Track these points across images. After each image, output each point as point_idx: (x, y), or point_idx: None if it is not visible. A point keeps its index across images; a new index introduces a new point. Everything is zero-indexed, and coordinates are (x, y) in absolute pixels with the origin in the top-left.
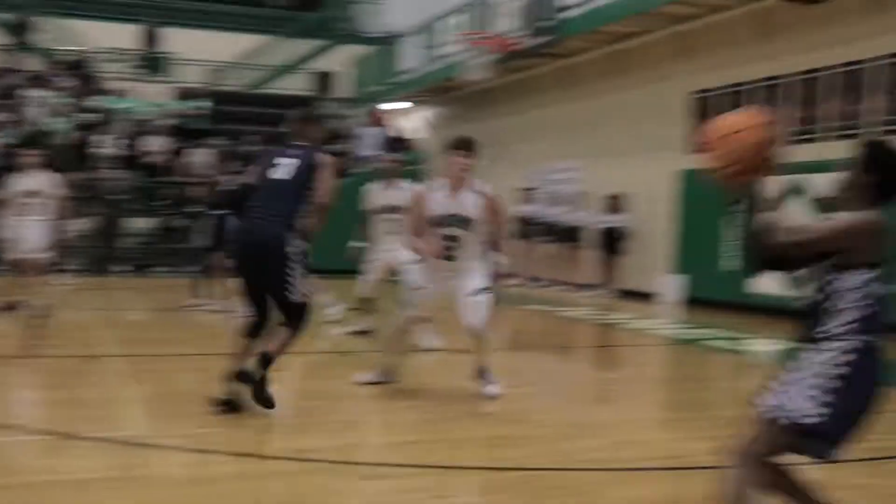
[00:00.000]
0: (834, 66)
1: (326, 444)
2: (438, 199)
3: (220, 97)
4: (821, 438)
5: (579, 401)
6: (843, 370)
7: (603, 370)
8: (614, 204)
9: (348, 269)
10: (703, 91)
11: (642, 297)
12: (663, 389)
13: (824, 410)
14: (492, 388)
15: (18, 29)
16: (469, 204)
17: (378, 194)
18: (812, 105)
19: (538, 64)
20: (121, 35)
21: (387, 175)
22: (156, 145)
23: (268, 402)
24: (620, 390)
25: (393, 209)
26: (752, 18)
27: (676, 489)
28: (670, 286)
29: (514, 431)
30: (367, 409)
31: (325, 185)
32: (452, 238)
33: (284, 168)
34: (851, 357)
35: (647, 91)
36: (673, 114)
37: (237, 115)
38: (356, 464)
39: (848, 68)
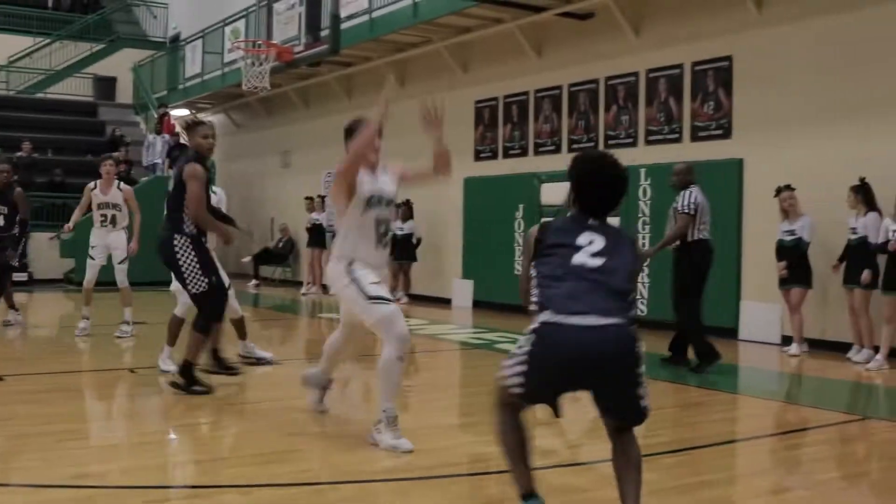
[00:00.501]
0: (605, 79)
1: (107, 469)
2: None
3: None
4: (518, 397)
5: (370, 410)
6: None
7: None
8: (403, 211)
9: None
10: (486, 101)
11: (434, 301)
12: (457, 394)
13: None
14: None
15: None
16: None
17: None
18: (586, 115)
19: (322, 72)
20: None
21: None
22: None
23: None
24: (415, 396)
25: None
26: (527, 32)
27: (477, 493)
28: (460, 291)
29: (296, 444)
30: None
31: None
32: None
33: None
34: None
35: (433, 99)
36: (459, 121)
37: (11, 121)
38: (138, 487)
39: (616, 81)
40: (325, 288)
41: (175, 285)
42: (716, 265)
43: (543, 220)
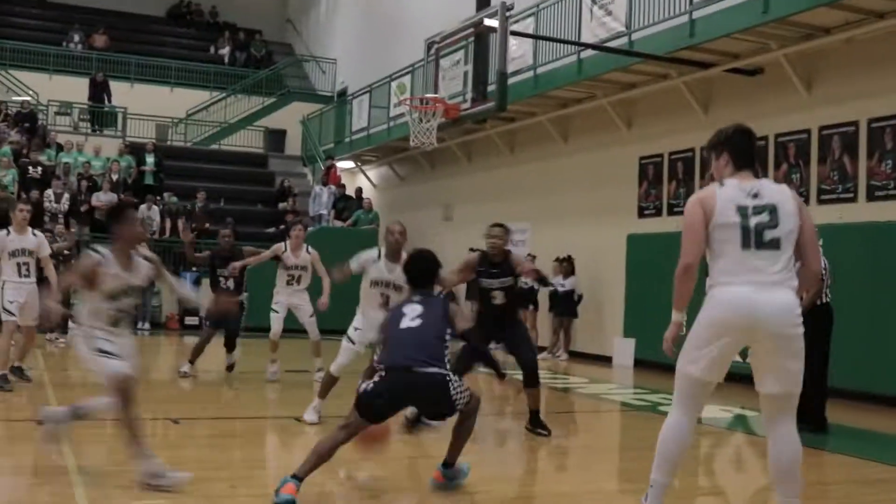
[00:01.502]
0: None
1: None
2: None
3: (169, 152)
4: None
5: (534, 470)
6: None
7: (555, 437)
8: (565, 267)
9: None
10: (651, 157)
11: (595, 359)
12: (620, 458)
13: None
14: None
15: None
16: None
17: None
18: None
19: (485, 127)
20: (71, 88)
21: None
22: (104, 200)
23: None
24: (577, 459)
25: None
26: (693, 88)
27: None
28: (622, 349)
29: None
30: None
31: None
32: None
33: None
34: None
35: (596, 155)
36: (622, 178)
37: (186, 171)
38: None
39: (786, 138)
40: None
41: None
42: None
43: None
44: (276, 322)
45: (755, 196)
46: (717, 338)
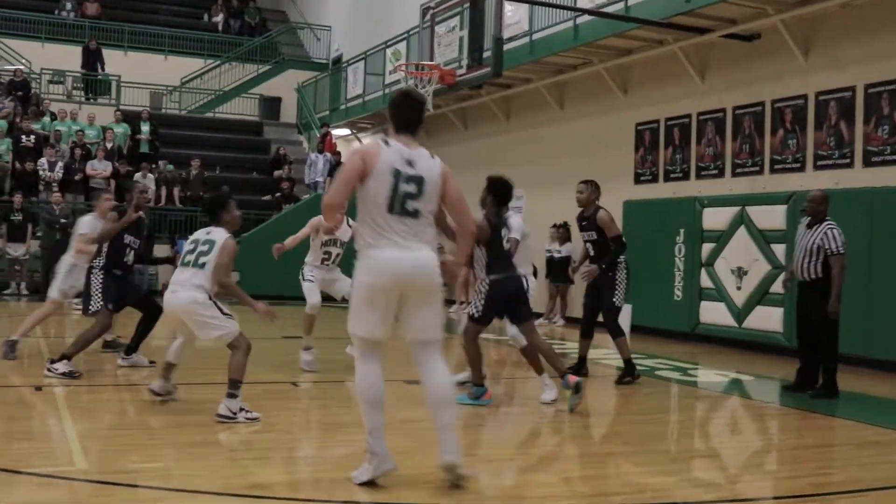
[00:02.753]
0: (777, 101)
1: (279, 479)
2: None
3: (164, 120)
4: None
5: (534, 433)
6: None
7: (557, 402)
8: (561, 233)
9: None
10: (647, 123)
11: None
12: (613, 422)
13: None
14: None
15: None
16: None
17: None
18: (751, 139)
19: (481, 93)
20: (64, 56)
21: None
22: (99, 168)
23: None
24: (572, 423)
25: None
26: (690, 54)
27: None
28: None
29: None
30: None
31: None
32: None
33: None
34: None
35: (592, 122)
36: (618, 144)
37: (181, 139)
38: (310, 501)
39: (783, 104)
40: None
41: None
42: None
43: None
44: (314, 294)
45: (410, 164)
46: (375, 302)
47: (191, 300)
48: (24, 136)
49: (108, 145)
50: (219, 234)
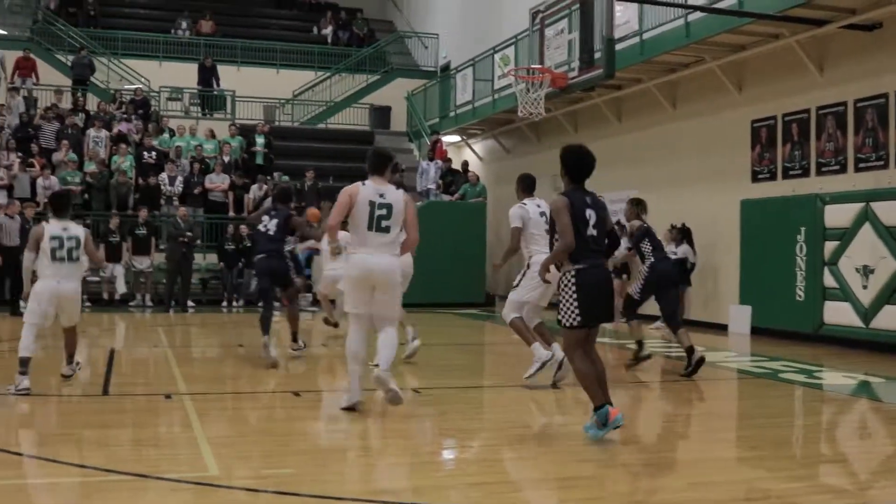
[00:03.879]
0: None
1: (402, 486)
2: None
3: (277, 133)
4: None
5: (652, 438)
6: None
7: (676, 405)
8: (675, 234)
9: None
10: (763, 120)
11: (709, 327)
12: (739, 426)
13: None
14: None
15: (82, 70)
16: None
17: None
18: (874, 132)
19: (592, 95)
20: (181, 74)
21: None
22: (217, 182)
23: None
24: (694, 427)
25: None
26: (807, 46)
27: None
28: (738, 317)
29: (584, 471)
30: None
31: None
32: None
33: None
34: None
35: (706, 120)
36: (734, 142)
37: (294, 151)
38: None
39: None
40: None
41: None
42: None
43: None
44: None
45: (381, 196)
46: (358, 289)
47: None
48: (146, 153)
49: (226, 159)
50: None
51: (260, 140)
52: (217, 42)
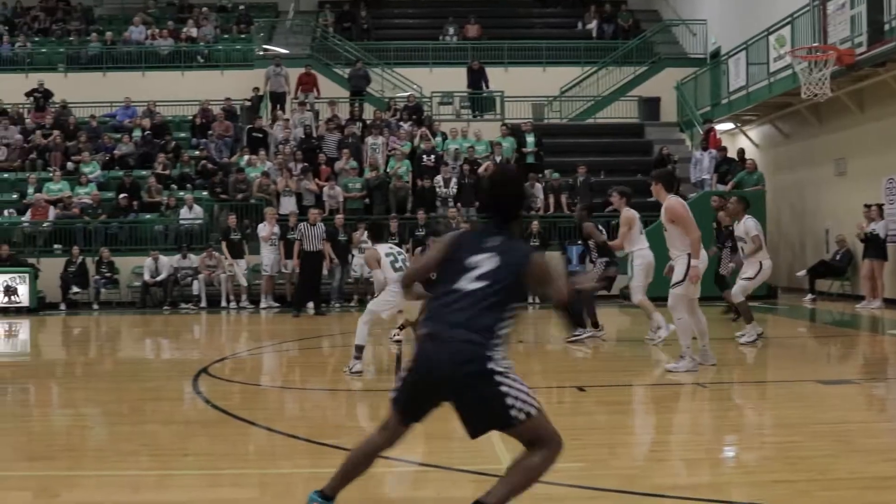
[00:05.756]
0: None
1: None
2: None
3: (547, 130)
4: None
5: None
6: None
7: None
8: (874, 210)
9: None
10: None
11: None
12: None
13: None
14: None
15: (358, 81)
16: None
17: None
18: None
19: (879, 72)
20: (450, 79)
21: None
22: None
23: None
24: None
25: None
26: None
27: None
28: None
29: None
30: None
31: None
32: None
33: None
34: None
35: None
36: None
37: (564, 147)
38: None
39: None
40: (887, 302)
41: None
42: None
43: None
44: None
45: None
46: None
47: None
48: (424, 156)
49: (497, 159)
50: None
51: (530, 139)
52: (484, 45)
